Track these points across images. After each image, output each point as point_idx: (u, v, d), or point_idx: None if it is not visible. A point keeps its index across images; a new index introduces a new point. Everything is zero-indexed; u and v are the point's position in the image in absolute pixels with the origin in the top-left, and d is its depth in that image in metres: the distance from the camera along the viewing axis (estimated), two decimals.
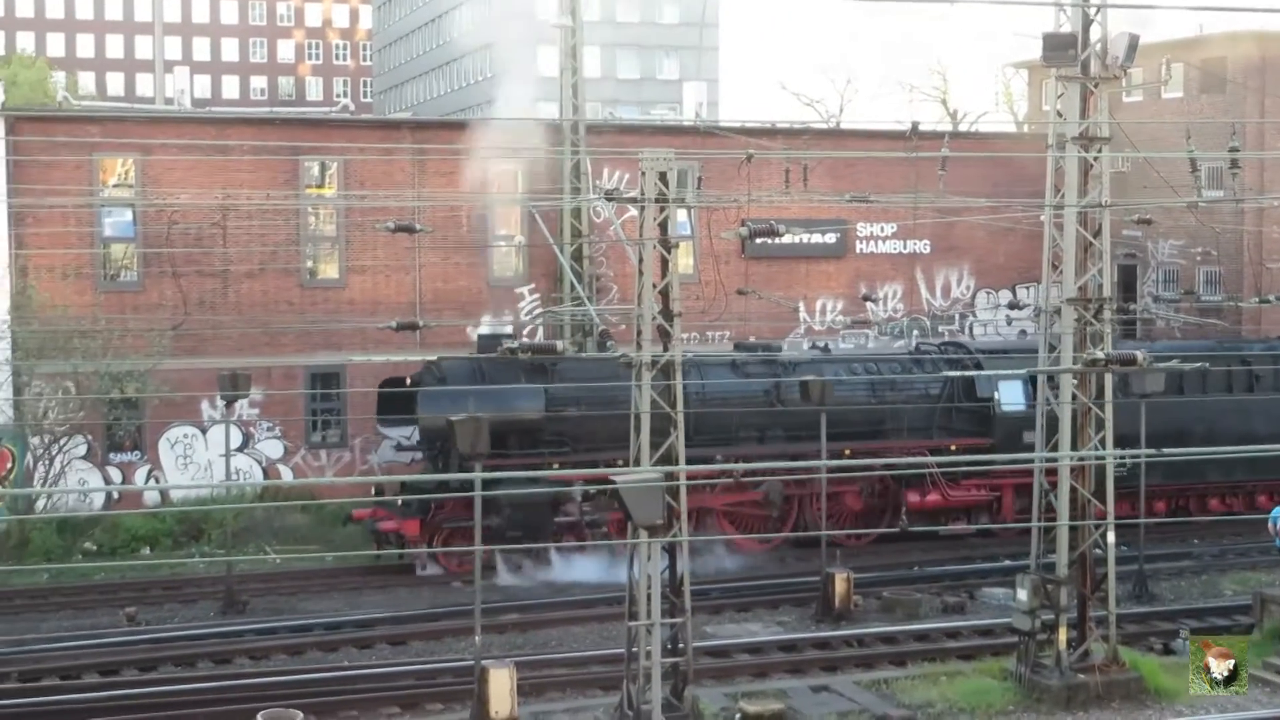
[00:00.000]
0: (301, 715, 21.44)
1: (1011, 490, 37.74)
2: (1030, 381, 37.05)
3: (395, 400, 35.73)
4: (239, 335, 38.73)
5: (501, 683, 21.99)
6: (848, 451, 35.40)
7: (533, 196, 41.38)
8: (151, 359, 37.33)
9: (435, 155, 41.25)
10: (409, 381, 35.52)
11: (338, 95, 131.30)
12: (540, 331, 42.24)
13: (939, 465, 35.20)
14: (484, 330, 36.33)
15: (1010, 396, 37.43)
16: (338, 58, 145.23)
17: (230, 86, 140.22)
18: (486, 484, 32.47)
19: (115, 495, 39.55)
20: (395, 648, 27.93)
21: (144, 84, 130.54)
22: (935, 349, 40.26)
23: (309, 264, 42.06)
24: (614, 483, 19.21)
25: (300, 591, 32.18)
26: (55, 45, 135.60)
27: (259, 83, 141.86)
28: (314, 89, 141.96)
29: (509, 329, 35.74)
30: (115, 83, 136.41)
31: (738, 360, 36.98)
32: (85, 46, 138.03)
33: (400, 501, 34.12)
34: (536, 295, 43.20)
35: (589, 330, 40.00)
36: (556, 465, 33.95)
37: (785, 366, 36.76)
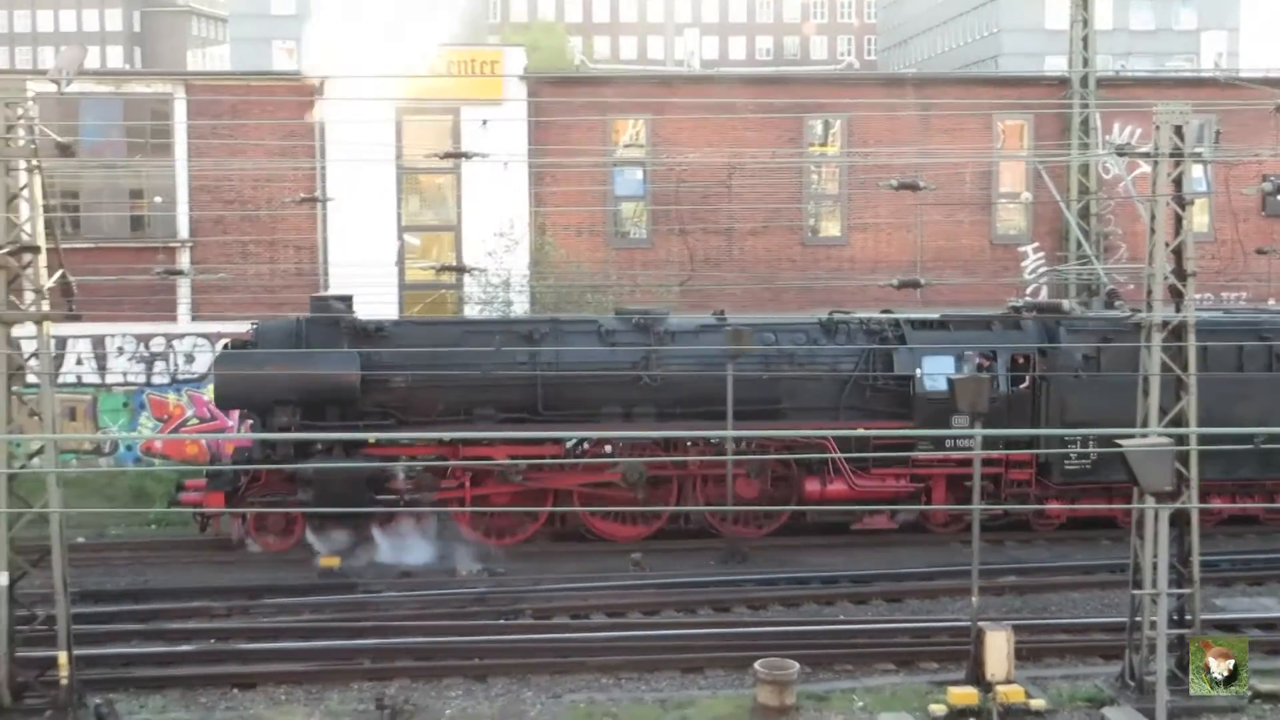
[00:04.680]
0: (797, 666, 21.73)
1: (943, 482, 32.73)
2: (964, 359, 32.66)
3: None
4: (742, 291, 39.48)
5: (998, 645, 21.72)
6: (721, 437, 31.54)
7: (1039, 153, 40.51)
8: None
9: (939, 112, 40.90)
10: (228, 344, 32.53)
11: (842, 53, 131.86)
12: (1044, 290, 41.37)
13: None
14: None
15: (936, 375, 31.97)
16: (842, 15, 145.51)
17: (737, 47, 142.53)
18: (299, 456, 30.54)
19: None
20: (891, 604, 27.92)
21: (655, 47, 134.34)
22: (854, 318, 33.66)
23: (811, 221, 42.48)
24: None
25: (804, 547, 32.49)
26: (573, 11, 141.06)
27: (764, 43, 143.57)
28: (818, 48, 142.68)
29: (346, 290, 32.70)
30: (628, 46, 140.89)
31: (604, 327, 32.42)
32: (601, 11, 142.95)
33: (205, 473, 32.07)
34: (1041, 254, 42.31)
35: (1095, 290, 38.89)
36: (373, 440, 30.77)
37: (661, 335, 32.15)
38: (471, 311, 39.05)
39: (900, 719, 21.29)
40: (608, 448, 32.48)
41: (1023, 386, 32.90)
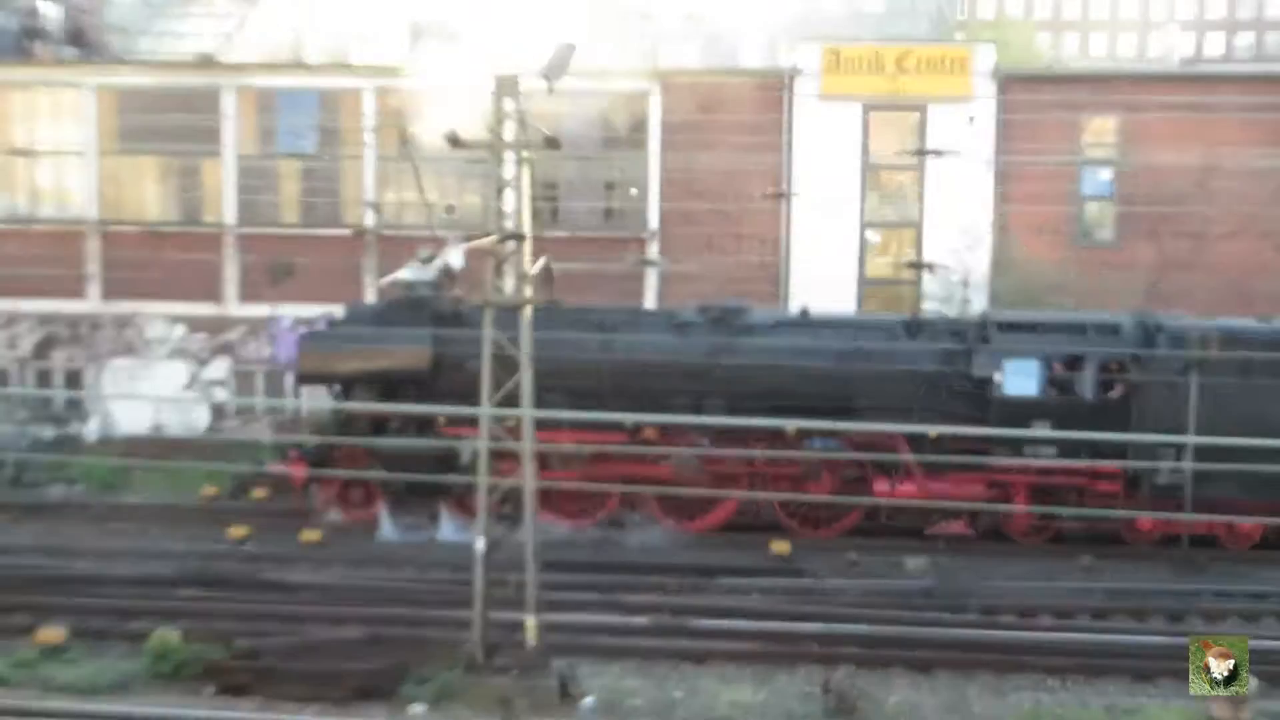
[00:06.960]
0: (1256, 681, 21.08)
1: (1024, 491, 30.99)
2: (1049, 363, 30.40)
3: None
4: (1212, 297, 38.18)
5: None
6: (794, 431, 30.03)
7: None
8: None
9: None
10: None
11: None
12: None
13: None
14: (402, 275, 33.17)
15: (1017, 379, 30.51)
16: None
17: (1214, 44, 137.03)
18: (375, 432, 31.20)
19: None
20: None
21: (1125, 44, 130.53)
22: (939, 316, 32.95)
23: None
24: None
25: (1260, 560, 31.29)
26: (1042, 7, 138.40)
27: (1244, 40, 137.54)
28: None
29: (430, 275, 32.01)
30: (1098, 43, 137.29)
31: (678, 318, 32.32)
32: (1071, 8, 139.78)
33: (293, 446, 32.57)
34: None
35: None
36: (443, 420, 30.57)
37: (735, 329, 31.78)
38: (930, 308, 39.03)
39: None
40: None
41: (1113, 394, 31.08)
